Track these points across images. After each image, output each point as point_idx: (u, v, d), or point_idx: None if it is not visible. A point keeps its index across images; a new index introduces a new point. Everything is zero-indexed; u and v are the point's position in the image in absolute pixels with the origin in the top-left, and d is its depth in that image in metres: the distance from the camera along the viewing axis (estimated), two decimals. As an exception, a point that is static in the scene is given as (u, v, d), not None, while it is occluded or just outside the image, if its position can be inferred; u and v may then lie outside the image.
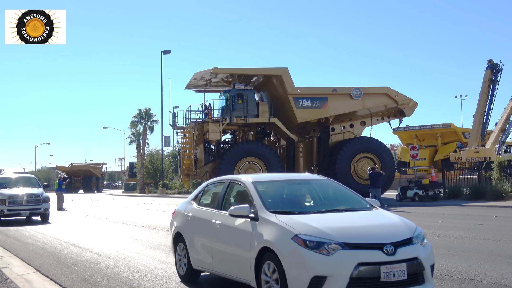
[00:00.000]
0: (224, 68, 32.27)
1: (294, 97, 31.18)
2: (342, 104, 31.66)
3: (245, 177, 7.49)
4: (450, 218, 17.60)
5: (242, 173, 30.29)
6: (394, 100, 31.68)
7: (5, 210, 19.57)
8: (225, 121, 31.02)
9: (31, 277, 8.86)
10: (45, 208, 20.19)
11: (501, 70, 41.06)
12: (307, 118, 31.64)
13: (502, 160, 30.49)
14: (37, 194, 20.24)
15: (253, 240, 6.35)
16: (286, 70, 31.36)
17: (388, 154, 31.61)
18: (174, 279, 8.23)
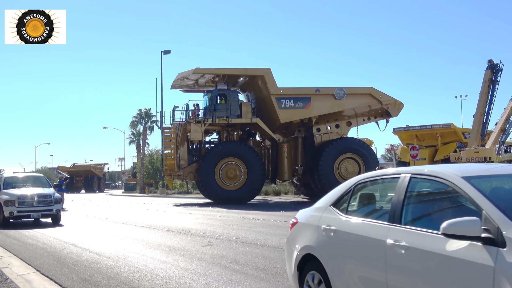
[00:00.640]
0: (206, 69, 32.60)
1: (277, 97, 31.42)
2: (325, 105, 31.80)
3: (447, 169, 4.62)
4: (450, 218, 17.57)
5: (222, 174, 30.85)
6: (378, 100, 31.73)
7: (14, 211, 18.27)
8: (207, 122, 31.38)
9: (31, 277, 8.86)
10: (57, 210, 19.04)
11: (501, 70, 41.10)
12: (290, 119, 31.79)
13: (502, 160, 30.52)
14: (48, 195, 18.94)
15: (498, 282, 3.48)
16: (268, 71, 31.65)
17: (372, 155, 31.64)
18: (174, 279, 8.23)
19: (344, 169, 31.29)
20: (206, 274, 8.55)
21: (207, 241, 12.75)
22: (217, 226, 16.69)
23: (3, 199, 18.53)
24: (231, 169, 31.03)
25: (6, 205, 18.27)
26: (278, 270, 8.62)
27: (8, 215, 18.33)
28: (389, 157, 75.22)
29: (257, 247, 11.51)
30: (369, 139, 63.12)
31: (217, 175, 31.01)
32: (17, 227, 18.37)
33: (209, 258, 10.11)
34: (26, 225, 19.04)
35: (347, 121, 33.73)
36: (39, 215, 18.83)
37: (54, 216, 19.16)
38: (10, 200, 18.36)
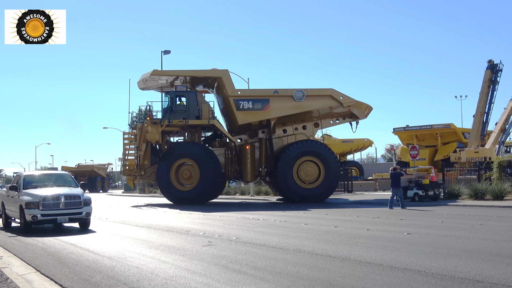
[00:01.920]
0: (164, 70, 32.95)
1: (235, 99, 31.70)
2: (284, 106, 31.78)
3: None
4: (450, 218, 17.60)
5: (178, 175, 31.45)
6: (339, 102, 31.61)
7: (38, 215, 15.50)
8: (164, 123, 31.81)
9: (31, 277, 8.86)
10: (87, 213, 16.32)
11: (501, 70, 41.15)
12: (248, 120, 31.92)
13: (502, 160, 30.52)
14: (77, 195, 16.32)
15: None
16: (226, 72, 32.00)
17: (333, 158, 31.60)
18: (174, 279, 8.23)
19: (303, 172, 31.39)
20: (206, 274, 8.55)
21: (207, 241, 12.75)
22: (217, 226, 16.69)
23: (24, 201, 15.81)
24: (186, 170, 31.63)
25: (28, 207, 15.59)
26: (278, 270, 8.62)
27: (30, 220, 15.59)
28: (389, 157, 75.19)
29: (257, 247, 11.51)
30: (368, 139, 63.28)
31: (172, 176, 31.55)
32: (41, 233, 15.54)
33: (209, 258, 10.11)
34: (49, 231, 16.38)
35: (315, 123, 33.77)
36: (66, 219, 16.07)
37: (83, 221, 16.52)
38: (32, 201, 15.61)
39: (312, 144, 32.05)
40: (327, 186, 31.15)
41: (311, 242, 11.98)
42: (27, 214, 15.54)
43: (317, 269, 8.67)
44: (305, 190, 31.00)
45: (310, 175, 31.19)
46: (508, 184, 26.58)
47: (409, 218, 17.84)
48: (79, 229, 16.70)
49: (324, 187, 31.10)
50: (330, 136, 60.16)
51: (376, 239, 12.21)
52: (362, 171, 58.90)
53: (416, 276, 7.85)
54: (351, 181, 40.75)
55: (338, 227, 15.19)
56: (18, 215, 16.42)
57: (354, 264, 9.01)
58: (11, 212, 17.52)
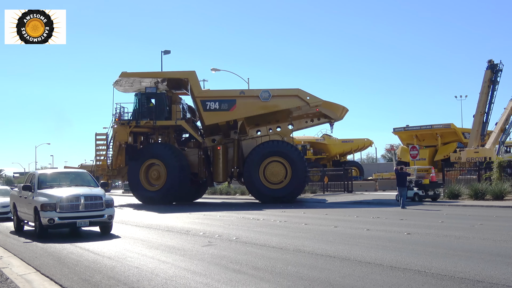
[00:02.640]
0: (132, 72, 33.20)
1: (202, 99, 32.00)
2: (251, 107, 31.95)
3: None
4: (450, 218, 17.60)
5: (148, 175, 32.06)
6: (306, 101, 31.60)
7: (55, 218, 13.98)
8: (132, 124, 32.45)
9: (31, 277, 8.87)
10: (110, 215, 14.82)
11: (501, 70, 41.14)
12: (214, 121, 32.21)
13: (502, 160, 30.49)
14: (98, 196, 14.80)
15: None
16: (193, 73, 32.36)
17: (300, 158, 31.57)
18: (174, 279, 8.23)
19: (270, 173, 31.54)
20: (206, 274, 8.55)
21: (207, 241, 12.75)
22: (217, 226, 16.69)
23: (39, 202, 14.26)
24: (155, 170, 32.14)
25: (44, 209, 14.02)
26: (278, 270, 8.62)
27: (46, 223, 14.02)
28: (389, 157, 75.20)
29: (257, 247, 11.51)
30: (368, 139, 63.35)
31: (142, 176, 32.06)
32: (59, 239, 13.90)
33: (209, 258, 10.11)
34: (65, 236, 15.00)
35: (289, 123, 33.79)
36: (86, 222, 14.43)
37: (105, 224, 14.97)
38: (49, 203, 14.09)
39: (279, 145, 32.11)
40: (293, 186, 31.24)
41: (311, 242, 11.98)
42: (42, 217, 13.98)
43: (317, 269, 8.67)
44: (272, 190, 31.22)
45: (277, 176, 31.41)
46: (508, 184, 26.56)
47: (409, 218, 17.84)
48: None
49: (291, 188, 31.20)
50: (330, 136, 60.23)
51: (376, 239, 12.21)
52: (362, 171, 58.91)
53: (416, 276, 7.85)
54: (351, 181, 40.73)
55: (338, 227, 15.19)
56: (32, 218, 14.86)
57: (354, 264, 9.01)
58: (24, 214, 16.00)
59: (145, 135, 34.77)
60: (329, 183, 40.73)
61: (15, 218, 17.27)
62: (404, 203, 23.27)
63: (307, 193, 38.74)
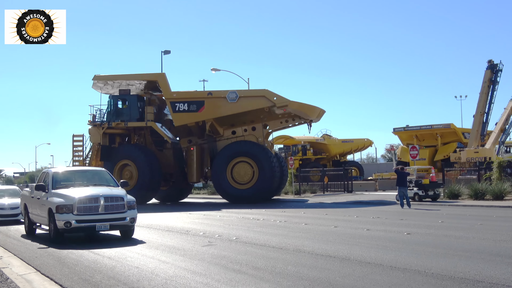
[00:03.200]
0: (104, 75, 33.98)
1: (171, 101, 32.49)
2: (219, 108, 32.26)
3: None
4: (450, 218, 17.60)
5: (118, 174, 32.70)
6: (272, 102, 31.68)
7: (72, 221, 12.68)
8: (104, 125, 33.30)
9: (31, 277, 8.87)
10: (132, 218, 13.45)
11: (501, 70, 41.15)
12: (184, 122, 32.64)
13: (502, 160, 30.49)
14: (119, 196, 13.43)
15: None
16: (162, 75, 33.13)
17: (267, 158, 31.55)
18: (174, 279, 8.23)
19: (237, 173, 31.82)
20: (206, 274, 8.56)
21: (207, 241, 12.75)
22: (217, 226, 16.69)
23: (54, 203, 13.00)
24: (127, 171, 32.79)
25: (59, 211, 12.78)
26: (278, 270, 8.63)
27: (62, 227, 12.79)
28: (389, 157, 75.20)
29: (257, 247, 11.51)
30: (368, 139, 63.42)
31: (116, 176, 32.51)
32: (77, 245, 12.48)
33: (209, 258, 10.11)
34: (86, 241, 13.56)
35: (264, 124, 33.92)
36: (107, 226, 13.11)
37: (126, 228, 13.66)
38: (65, 204, 12.81)
39: (246, 145, 32.32)
40: (260, 186, 31.34)
41: (311, 242, 11.98)
42: (58, 220, 12.74)
43: (317, 269, 8.67)
44: (239, 190, 31.49)
45: (244, 176, 31.65)
46: (508, 184, 26.54)
47: (409, 218, 17.84)
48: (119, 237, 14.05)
49: (258, 188, 31.33)
50: (330, 136, 60.27)
51: (376, 239, 12.21)
52: (362, 171, 58.93)
53: (416, 276, 7.86)
54: (351, 181, 40.73)
55: (338, 227, 15.19)
56: (46, 221, 13.61)
57: (354, 264, 9.02)
58: (36, 217, 14.75)
59: (122, 136, 35.33)
60: (329, 183, 40.73)
61: (26, 220, 15.92)
62: (408, 202, 23.30)
63: (307, 193, 38.78)
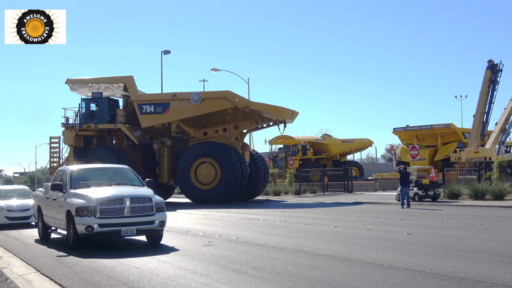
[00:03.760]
0: (75, 79, 35.13)
1: (138, 103, 33.00)
2: (184, 109, 32.58)
3: None
4: (450, 218, 17.60)
5: None
6: (234, 103, 31.82)
7: (94, 225, 11.19)
8: (76, 127, 34.22)
9: (31, 277, 8.86)
10: (161, 222, 12.01)
11: (501, 70, 41.12)
12: (150, 123, 33.12)
13: (502, 160, 30.47)
14: (147, 197, 12.01)
15: None
16: (130, 78, 33.60)
17: (229, 159, 31.66)
18: (174, 279, 8.23)
19: (200, 174, 32.19)
20: (206, 274, 8.56)
21: (207, 241, 12.75)
22: (217, 226, 16.69)
23: (73, 205, 11.57)
24: None
25: (79, 214, 11.35)
26: (278, 270, 8.63)
27: (83, 232, 11.28)
28: (389, 157, 75.19)
29: (257, 247, 11.51)
30: (368, 139, 63.41)
31: None
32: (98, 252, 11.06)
33: (209, 258, 10.11)
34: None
35: (235, 125, 34.08)
36: (133, 231, 11.61)
37: (154, 233, 12.21)
38: (86, 206, 11.36)
39: (210, 146, 32.60)
40: (224, 186, 31.60)
41: (311, 242, 11.98)
42: (78, 224, 11.30)
43: (317, 269, 8.67)
44: (203, 191, 31.87)
45: (207, 177, 31.99)
46: (508, 184, 26.53)
47: (409, 218, 17.83)
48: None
49: (221, 188, 31.63)
50: (330, 136, 60.26)
51: (376, 239, 12.21)
52: (362, 171, 58.92)
53: (416, 276, 7.86)
54: (351, 181, 40.74)
55: (338, 227, 15.19)
56: (64, 225, 12.22)
57: (354, 264, 9.02)
58: (51, 220, 13.36)
59: (100, 138, 35.95)
60: (329, 183, 40.74)
61: (40, 224, 14.49)
62: (408, 202, 23.36)
63: (307, 193, 38.78)
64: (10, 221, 18.66)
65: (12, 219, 18.69)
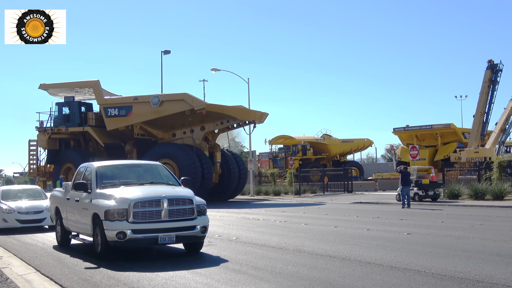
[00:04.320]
0: (49, 84, 36.83)
1: (104, 106, 33.98)
2: (145, 112, 33.20)
3: None
4: (450, 218, 17.61)
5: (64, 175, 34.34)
6: (191, 105, 32.04)
7: (127, 231, 9.65)
8: (48, 131, 35.50)
9: (31, 277, 8.86)
10: (203, 227, 10.34)
11: (501, 70, 41.14)
12: (115, 126, 33.94)
13: (502, 160, 30.47)
14: (186, 198, 10.49)
15: None
16: (95, 82, 34.68)
17: (186, 159, 31.80)
18: (174, 279, 8.24)
19: None
20: (206, 274, 8.56)
21: (207, 241, 12.71)
22: (217, 226, 16.69)
23: (102, 207, 10.06)
24: (70, 173, 33.90)
25: (109, 218, 9.82)
26: (278, 270, 8.63)
27: (114, 239, 9.74)
28: (389, 157, 75.20)
29: (257, 247, 11.51)
30: (368, 139, 63.44)
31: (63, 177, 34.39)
32: (134, 264, 9.57)
33: (209, 258, 10.11)
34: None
35: (201, 126, 34.39)
36: (172, 238, 10.00)
37: (195, 240, 10.59)
38: (117, 209, 9.82)
39: (168, 147, 32.91)
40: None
41: (311, 242, 11.99)
42: (108, 230, 9.77)
43: (317, 269, 8.68)
44: None
45: None
46: (508, 184, 26.53)
47: (409, 218, 17.84)
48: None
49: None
50: (330, 136, 60.27)
51: (376, 239, 12.21)
52: (362, 171, 58.92)
53: (416, 276, 7.86)
54: (351, 181, 40.74)
55: (338, 227, 15.20)
56: (89, 230, 10.67)
57: (354, 264, 9.02)
58: (73, 224, 11.79)
59: (76, 140, 36.91)
60: (329, 183, 40.73)
61: (59, 228, 12.80)
62: (408, 202, 23.40)
63: (307, 193, 38.78)
64: (22, 224, 16.85)
65: (24, 222, 16.88)
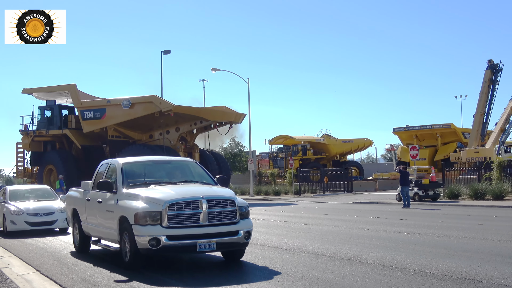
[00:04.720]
0: (31, 88, 37.68)
1: (81, 109, 34.68)
2: (118, 114, 33.69)
3: None
4: (450, 218, 17.61)
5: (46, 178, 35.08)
6: (159, 107, 32.29)
7: (162, 237, 8.30)
8: (30, 133, 36.36)
9: (31, 277, 8.86)
10: (247, 233, 9.00)
11: (501, 70, 41.14)
12: (91, 128, 34.52)
13: (502, 160, 30.48)
14: (227, 199, 9.04)
15: None
16: (72, 86, 35.46)
17: None
18: (175, 279, 8.23)
19: None
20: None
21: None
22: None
23: (131, 210, 8.78)
24: (52, 175, 34.83)
25: (140, 222, 8.52)
26: (279, 270, 8.62)
27: (147, 246, 8.41)
28: (389, 157, 75.21)
29: (257, 247, 11.51)
30: (368, 139, 63.47)
31: (44, 179, 34.98)
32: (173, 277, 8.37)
33: (210, 258, 10.10)
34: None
35: (176, 127, 34.78)
36: (213, 245, 8.64)
37: (237, 247, 9.22)
38: (149, 211, 8.52)
39: (139, 148, 32.93)
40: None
41: (311, 242, 11.99)
42: (139, 236, 8.43)
43: (317, 269, 8.67)
44: None
45: None
46: (508, 184, 26.53)
47: (409, 218, 17.84)
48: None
49: None
50: (330, 136, 60.27)
51: (376, 239, 12.21)
52: (362, 171, 58.91)
53: (416, 276, 7.86)
54: (351, 181, 40.75)
55: (338, 227, 15.20)
56: (115, 236, 9.39)
57: (354, 264, 9.02)
58: (94, 228, 10.55)
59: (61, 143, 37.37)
60: (329, 183, 40.74)
61: (76, 233, 11.56)
62: (408, 202, 23.43)
63: (307, 193, 38.77)
64: (32, 226, 15.87)
65: (34, 225, 15.89)
